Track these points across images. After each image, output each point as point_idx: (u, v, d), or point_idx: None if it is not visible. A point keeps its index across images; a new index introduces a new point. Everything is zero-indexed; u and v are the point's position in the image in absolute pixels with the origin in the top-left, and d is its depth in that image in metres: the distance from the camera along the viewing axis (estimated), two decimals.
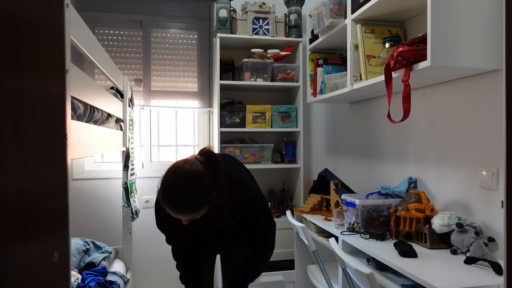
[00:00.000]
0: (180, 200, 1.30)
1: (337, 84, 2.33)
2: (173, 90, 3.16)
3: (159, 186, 1.34)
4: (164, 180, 1.33)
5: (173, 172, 1.32)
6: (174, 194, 1.30)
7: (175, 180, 1.31)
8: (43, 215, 0.59)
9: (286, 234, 2.89)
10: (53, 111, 0.62)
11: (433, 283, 1.25)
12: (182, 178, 1.30)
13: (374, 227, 1.89)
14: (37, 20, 0.57)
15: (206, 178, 1.33)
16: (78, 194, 2.88)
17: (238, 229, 1.52)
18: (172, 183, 1.31)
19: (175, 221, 1.41)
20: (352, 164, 2.75)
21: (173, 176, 1.32)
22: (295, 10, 2.92)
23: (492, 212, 1.57)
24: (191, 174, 1.31)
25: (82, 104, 1.34)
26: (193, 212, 1.33)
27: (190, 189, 1.30)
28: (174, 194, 1.30)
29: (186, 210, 1.32)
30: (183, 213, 1.33)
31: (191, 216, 1.35)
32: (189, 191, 1.30)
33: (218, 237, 1.58)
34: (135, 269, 2.87)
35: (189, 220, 1.38)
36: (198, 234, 1.58)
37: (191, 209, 1.32)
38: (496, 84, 1.56)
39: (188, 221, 1.38)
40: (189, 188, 1.30)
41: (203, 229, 1.57)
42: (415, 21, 2.04)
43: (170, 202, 1.30)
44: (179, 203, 1.30)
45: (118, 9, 3.01)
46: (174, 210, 1.31)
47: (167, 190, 1.31)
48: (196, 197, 1.31)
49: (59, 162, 0.64)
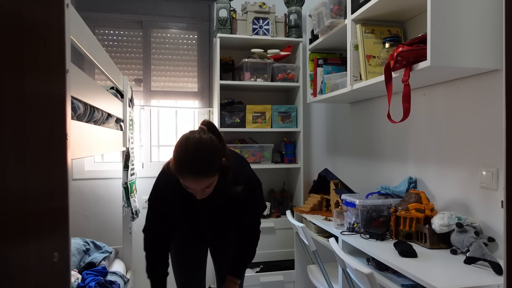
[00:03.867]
0: (200, 164, 1.35)
1: (337, 84, 2.33)
2: (173, 90, 3.16)
3: (173, 158, 1.39)
4: (178, 151, 1.38)
5: (186, 141, 1.39)
6: (194, 159, 1.35)
7: (191, 147, 1.37)
8: (43, 215, 0.59)
9: (286, 234, 2.89)
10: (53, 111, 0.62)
11: (433, 283, 1.25)
12: (198, 144, 1.37)
13: (374, 227, 1.89)
14: (37, 20, 0.57)
15: (216, 143, 1.41)
16: (78, 194, 2.88)
17: (235, 207, 1.60)
18: (189, 150, 1.36)
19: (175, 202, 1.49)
20: (352, 164, 2.75)
21: (187, 144, 1.37)
22: (295, 10, 2.92)
23: (492, 212, 1.57)
24: (205, 139, 1.39)
25: (82, 104, 1.34)
26: (212, 175, 1.39)
27: (207, 152, 1.37)
28: (194, 159, 1.35)
29: (207, 173, 1.37)
30: (204, 177, 1.37)
31: (210, 181, 1.40)
32: (207, 154, 1.37)
33: (213, 218, 1.64)
34: (135, 269, 2.87)
35: (204, 190, 1.41)
36: (196, 215, 1.62)
37: (211, 172, 1.38)
38: (496, 84, 1.56)
39: (202, 192, 1.42)
40: (206, 152, 1.37)
41: (201, 210, 1.61)
42: (415, 21, 2.04)
43: (191, 168, 1.35)
44: (201, 167, 1.35)
45: (118, 9, 3.01)
46: (196, 174, 1.35)
47: (185, 158, 1.35)
48: (214, 159, 1.38)
49: (59, 162, 0.64)
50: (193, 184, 1.39)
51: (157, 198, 1.62)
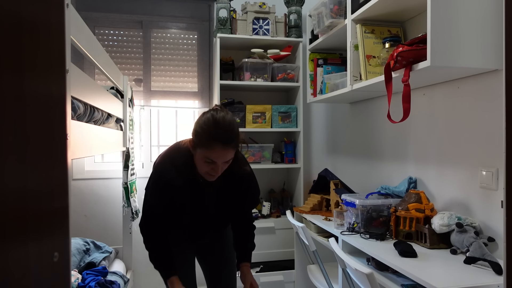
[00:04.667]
0: (229, 133, 1.46)
1: (337, 84, 2.33)
2: (173, 90, 3.16)
3: (197, 132, 1.46)
4: (206, 123, 1.45)
5: (212, 116, 1.46)
6: (224, 130, 1.44)
7: (220, 120, 1.45)
8: (43, 215, 0.59)
9: (286, 234, 2.89)
10: (53, 111, 0.62)
11: (433, 283, 1.25)
12: (225, 118, 1.47)
13: (374, 227, 1.89)
14: (37, 20, 0.57)
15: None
16: (78, 194, 2.88)
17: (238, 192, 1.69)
18: (218, 122, 1.44)
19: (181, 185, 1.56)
20: (352, 164, 2.76)
21: (215, 117, 1.45)
22: (295, 10, 2.92)
23: (492, 212, 1.57)
24: (230, 115, 1.51)
25: (82, 104, 1.34)
26: (235, 147, 1.50)
27: (234, 126, 1.49)
28: (224, 130, 1.44)
29: (233, 143, 1.47)
30: (230, 147, 1.46)
31: (232, 154, 1.49)
32: (234, 127, 1.48)
33: (219, 202, 1.68)
34: (135, 269, 2.87)
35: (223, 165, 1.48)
36: (202, 197, 1.64)
37: (236, 144, 1.49)
38: (496, 84, 1.56)
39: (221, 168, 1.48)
40: (233, 125, 1.48)
41: (208, 193, 1.65)
42: (415, 21, 2.04)
43: (221, 137, 1.43)
44: (230, 137, 1.45)
45: (118, 9, 3.01)
46: (224, 144, 1.43)
47: (216, 128, 1.43)
48: (238, 133, 1.50)
49: (59, 162, 0.64)
50: (219, 154, 1.45)
51: (161, 181, 1.59)
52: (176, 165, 1.57)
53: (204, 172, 1.52)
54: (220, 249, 1.87)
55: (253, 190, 1.77)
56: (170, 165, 1.59)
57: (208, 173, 1.51)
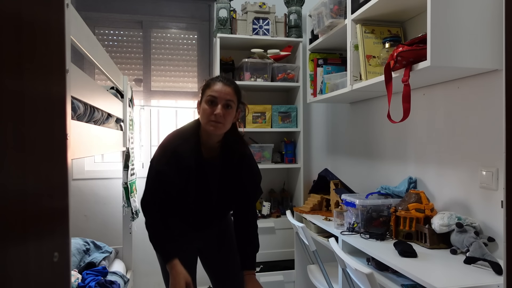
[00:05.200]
0: (229, 79, 1.65)
1: (337, 84, 2.33)
2: (173, 90, 3.16)
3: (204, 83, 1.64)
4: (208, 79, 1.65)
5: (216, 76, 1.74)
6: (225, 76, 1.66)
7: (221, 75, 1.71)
8: (43, 215, 0.59)
9: (286, 234, 2.89)
10: (53, 111, 0.62)
11: (433, 283, 1.25)
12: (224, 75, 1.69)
13: (374, 227, 1.89)
14: (37, 20, 0.57)
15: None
16: (78, 194, 2.88)
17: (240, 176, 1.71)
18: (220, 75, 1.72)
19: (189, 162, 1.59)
20: (352, 164, 2.75)
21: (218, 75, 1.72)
22: (295, 10, 2.92)
23: (492, 212, 1.57)
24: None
25: (82, 104, 1.34)
26: (235, 91, 1.61)
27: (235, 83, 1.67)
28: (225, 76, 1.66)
29: (233, 85, 1.61)
30: (230, 86, 1.59)
31: (232, 97, 1.59)
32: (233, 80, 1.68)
33: (221, 186, 1.70)
34: (135, 269, 2.87)
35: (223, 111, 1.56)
36: (205, 176, 1.67)
37: (236, 88, 1.62)
38: (496, 84, 1.56)
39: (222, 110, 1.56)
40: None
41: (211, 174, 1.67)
42: (415, 21, 2.04)
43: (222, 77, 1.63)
44: (229, 79, 1.64)
45: (118, 9, 3.01)
46: (224, 82, 1.59)
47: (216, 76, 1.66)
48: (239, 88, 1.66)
49: (59, 162, 0.64)
50: (220, 89, 1.57)
51: (168, 149, 1.61)
52: (182, 137, 1.66)
53: (208, 122, 1.57)
54: (225, 245, 1.85)
55: (255, 174, 1.77)
56: (177, 137, 1.66)
57: (212, 120, 1.56)
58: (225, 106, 1.57)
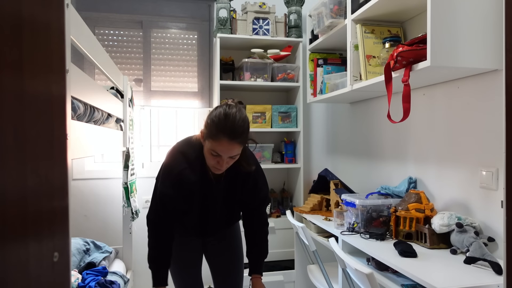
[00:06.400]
0: (238, 128, 1.47)
1: (337, 84, 2.33)
2: (173, 90, 3.16)
3: (208, 124, 1.49)
4: (214, 118, 1.48)
5: (224, 110, 1.49)
6: (233, 124, 1.47)
7: (232, 114, 1.48)
8: (43, 215, 0.59)
9: (286, 234, 2.89)
10: (53, 111, 0.62)
11: (433, 283, 1.25)
12: (238, 113, 1.50)
13: (374, 227, 1.89)
14: (37, 20, 0.57)
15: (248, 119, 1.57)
16: (78, 194, 2.88)
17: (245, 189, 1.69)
18: (230, 116, 1.47)
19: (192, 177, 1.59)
20: (352, 164, 2.75)
21: (225, 113, 1.48)
22: (295, 10, 2.92)
23: (491, 212, 1.57)
24: (243, 112, 1.53)
25: (82, 104, 1.34)
26: (243, 143, 1.52)
27: (245, 123, 1.51)
28: (233, 124, 1.47)
29: (240, 138, 1.49)
30: (237, 142, 1.48)
31: (239, 150, 1.51)
32: (244, 123, 1.51)
33: (227, 198, 1.69)
34: (135, 269, 2.87)
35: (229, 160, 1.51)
36: (211, 191, 1.66)
37: (243, 140, 1.51)
38: (496, 84, 1.56)
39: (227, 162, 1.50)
40: (244, 121, 1.51)
41: (216, 188, 1.66)
42: (415, 21, 2.04)
43: (229, 130, 1.46)
44: (238, 131, 1.47)
45: (118, 9, 3.01)
46: (231, 138, 1.46)
47: (226, 121, 1.46)
48: (247, 131, 1.53)
49: (59, 162, 0.64)
50: (225, 148, 1.47)
51: (172, 172, 1.61)
52: (187, 157, 1.61)
53: (211, 165, 1.55)
54: (229, 250, 1.86)
55: (260, 187, 1.74)
56: (181, 157, 1.62)
57: (214, 166, 1.54)
58: (230, 158, 1.53)
